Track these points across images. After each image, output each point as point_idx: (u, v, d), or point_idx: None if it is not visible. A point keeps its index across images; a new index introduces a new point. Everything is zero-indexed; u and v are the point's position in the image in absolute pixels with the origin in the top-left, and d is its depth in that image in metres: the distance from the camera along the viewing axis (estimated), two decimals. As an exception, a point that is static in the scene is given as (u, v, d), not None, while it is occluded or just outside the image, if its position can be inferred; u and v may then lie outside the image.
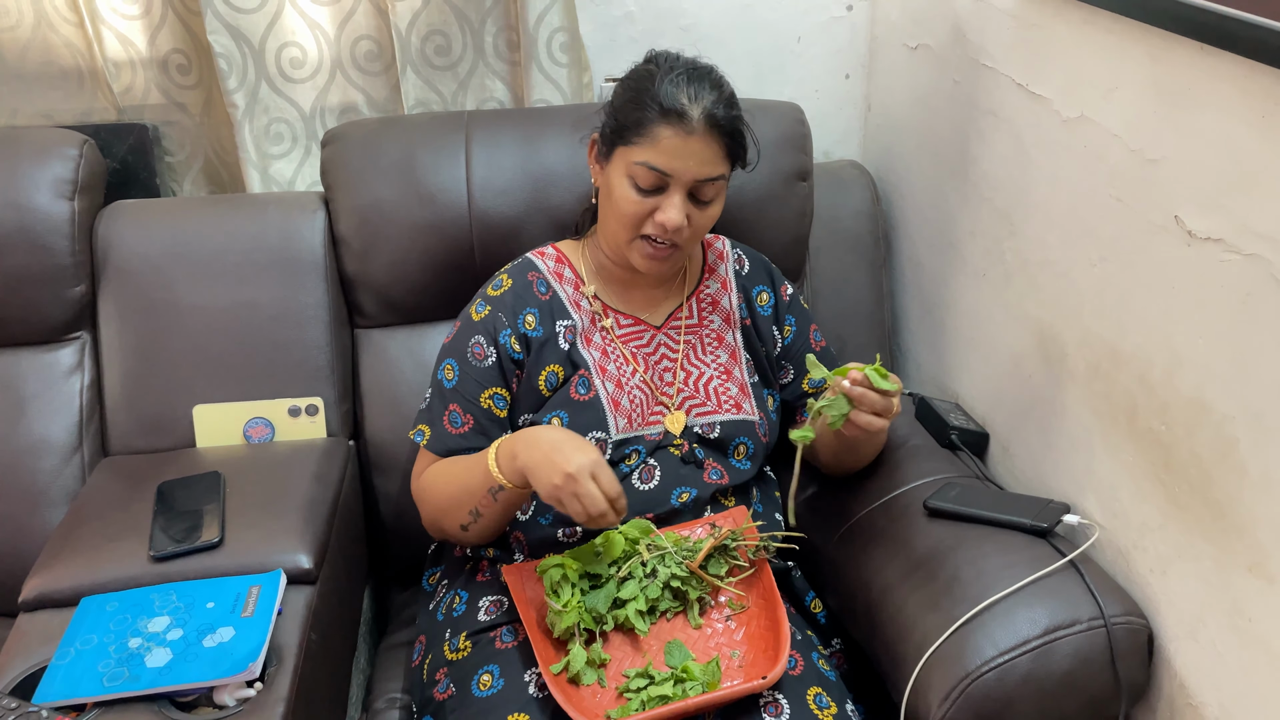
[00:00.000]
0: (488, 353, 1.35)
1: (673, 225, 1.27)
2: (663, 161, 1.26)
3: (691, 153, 1.25)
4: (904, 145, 1.82)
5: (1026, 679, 1.16)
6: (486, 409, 1.35)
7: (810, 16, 1.87)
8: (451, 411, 1.35)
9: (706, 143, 1.26)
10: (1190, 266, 1.12)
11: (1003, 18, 1.45)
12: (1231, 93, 1.04)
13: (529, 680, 1.22)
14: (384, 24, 1.75)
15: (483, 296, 1.40)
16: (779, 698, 1.19)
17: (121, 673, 1.14)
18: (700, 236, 1.35)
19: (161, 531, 1.32)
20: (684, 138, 1.25)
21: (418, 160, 1.59)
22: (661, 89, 1.26)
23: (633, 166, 1.27)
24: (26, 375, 1.53)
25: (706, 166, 1.27)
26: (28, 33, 1.70)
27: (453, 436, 1.35)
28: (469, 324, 1.38)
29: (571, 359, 1.37)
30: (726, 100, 1.29)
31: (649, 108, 1.26)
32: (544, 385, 1.36)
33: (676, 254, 1.33)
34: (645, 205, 1.28)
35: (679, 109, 1.25)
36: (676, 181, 1.27)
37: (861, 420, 1.24)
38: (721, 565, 1.31)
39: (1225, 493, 1.10)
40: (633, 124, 1.28)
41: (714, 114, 1.26)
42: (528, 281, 1.40)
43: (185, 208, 1.65)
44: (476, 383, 1.35)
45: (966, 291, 1.63)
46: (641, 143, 1.27)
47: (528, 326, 1.36)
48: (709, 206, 1.31)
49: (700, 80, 1.28)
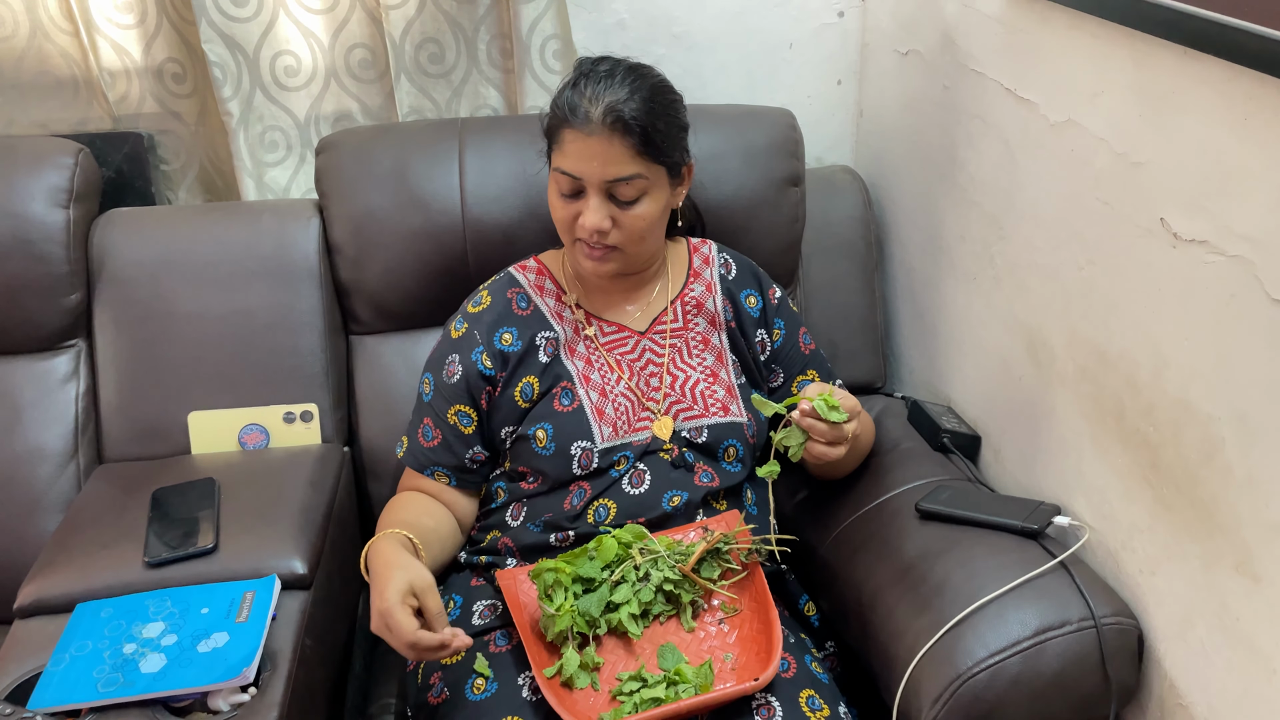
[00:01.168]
0: (457, 370, 1.38)
1: (590, 226, 1.29)
2: (570, 165, 1.29)
3: (595, 154, 1.27)
4: (895, 150, 1.83)
5: (1017, 680, 1.17)
6: (453, 425, 1.39)
7: (802, 23, 1.88)
8: (424, 426, 1.40)
9: (609, 142, 1.26)
10: (1176, 268, 1.13)
11: (990, 23, 1.47)
12: (1213, 96, 1.05)
13: (523, 684, 1.22)
14: (378, 32, 1.76)
15: (463, 313, 1.43)
16: (771, 700, 1.19)
17: (116, 678, 1.14)
18: (640, 238, 1.34)
19: (156, 538, 1.32)
20: (584, 139, 1.27)
21: (412, 168, 1.60)
22: (563, 94, 1.30)
23: (554, 173, 1.32)
24: (22, 383, 1.54)
25: (612, 167, 1.27)
26: (23, 42, 1.71)
27: (425, 450, 1.40)
28: (447, 341, 1.42)
29: (553, 371, 1.38)
30: (643, 96, 1.28)
31: (557, 115, 1.30)
32: (520, 397, 1.37)
33: (617, 255, 1.34)
34: (570, 210, 1.31)
35: (577, 111, 1.27)
36: (588, 184, 1.29)
37: (815, 450, 1.27)
38: (714, 569, 1.31)
39: (1211, 493, 1.11)
40: (550, 131, 1.33)
41: (617, 113, 1.25)
42: (507, 299, 1.42)
43: (180, 216, 1.66)
44: (444, 399, 1.39)
45: (957, 295, 1.64)
46: (556, 150, 1.31)
47: (504, 343, 1.38)
48: (633, 206, 1.31)
49: (608, 80, 1.28)
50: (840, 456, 1.28)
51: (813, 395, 1.25)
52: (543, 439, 1.35)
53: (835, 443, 1.27)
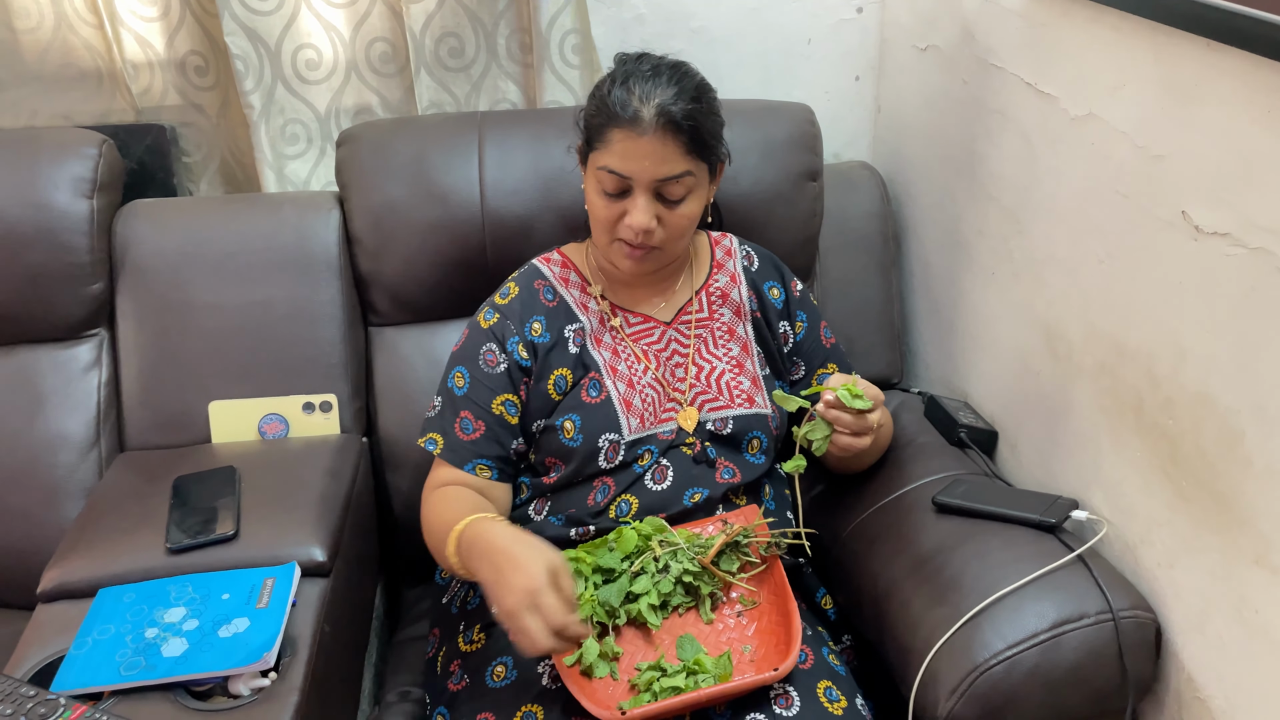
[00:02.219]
0: (499, 359, 1.36)
1: (639, 227, 1.28)
2: (620, 165, 1.27)
3: (646, 153, 1.25)
4: (913, 146, 1.83)
5: (1034, 672, 1.17)
6: (499, 415, 1.36)
7: (820, 19, 1.88)
8: (463, 419, 1.36)
9: (661, 142, 1.25)
10: (1196, 261, 1.13)
11: (1011, 18, 1.47)
12: (1237, 88, 1.05)
13: (542, 671, 1.23)
14: (398, 26, 1.77)
15: (490, 305, 1.41)
16: (790, 690, 1.20)
17: (138, 662, 1.15)
18: (681, 236, 1.33)
19: (177, 525, 1.34)
20: (636, 139, 1.25)
21: (431, 160, 1.61)
22: (612, 94, 1.27)
23: (598, 172, 1.29)
24: (45, 371, 1.55)
25: (664, 166, 1.26)
26: (48, 34, 1.72)
27: (466, 444, 1.35)
28: (478, 331, 1.39)
29: (582, 361, 1.38)
30: (689, 95, 1.27)
31: (603, 114, 1.28)
32: (553, 389, 1.37)
33: (656, 254, 1.34)
34: (615, 209, 1.30)
35: (628, 112, 1.25)
36: (637, 184, 1.27)
37: (841, 442, 1.27)
38: (733, 561, 1.31)
39: (1231, 486, 1.11)
40: (595, 130, 1.30)
41: (668, 112, 1.25)
42: (534, 289, 1.41)
43: (202, 207, 1.68)
44: (489, 389, 1.36)
45: (975, 290, 1.64)
46: (601, 148, 1.29)
47: (534, 334, 1.38)
48: (680, 205, 1.30)
49: (654, 79, 1.27)
50: (865, 447, 1.28)
51: (836, 385, 1.25)
52: (570, 430, 1.35)
53: (861, 433, 1.26)
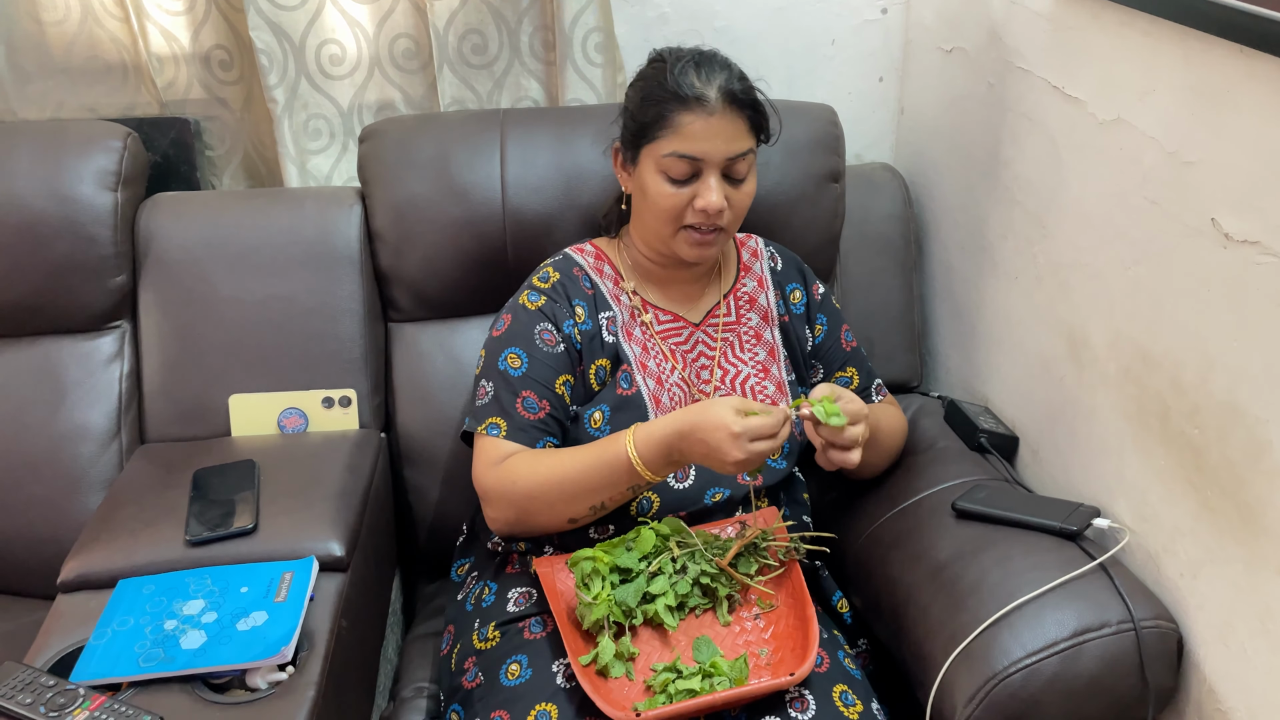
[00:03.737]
0: (558, 339, 1.35)
1: (714, 208, 1.28)
2: (691, 147, 1.27)
3: (717, 132, 1.27)
4: (936, 148, 1.82)
5: (1053, 681, 1.16)
6: (560, 395, 1.34)
7: (844, 19, 1.88)
8: (525, 398, 1.32)
9: (729, 119, 1.28)
10: (1225, 269, 1.12)
11: (1038, 20, 1.45)
12: (1269, 94, 1.03)
13: (557, 670, 1.22)
14: (422, 23, 1.77)
15: (531, 287, 1.39)
16: (806, 694, 1.19)
17: (157, 653, 1.16)
18: (741, 216, 1.35)
19: (197, 517, 1.34)
20: (706, 119, 1.27)
21: (453, 157, 1.61)
22: (673, 79, 1.28)
23: (663, 160, 1.29)
24: (68, 363, 1.56)
25: (734, 143, 1.29)
26: (74, 27, 1.73)
27: (532, 423, 1.32)
28: (527, 313, 1.36)
29: (616, 352, 1.38)
30: (739, 76, 1.31)
31: (666, 101, 1.28)
32: (594, 379, 1.36)
33: (721, 237, 1.34)
34: (683, 196, 1.30)
35: (696, 93, 1.27)
36: (709, 164, 1.28)
37: (832, 458, 1.24)
38: (751, 564, 1.31)
39: (1257, 496, 1.10)
40: (653, 120, 1.29)
41: (731, 90, 1.28)
42: (573, 276, 1.40)
43: (224, 201, 1.68)
44: (551, 369, 1.34)
45: (997, 294, 1.63)
46: (666, 134, 1.28)
47: (579, 319, 1.37)
48: (744, 184, 1.32)
49: (709, 62, 1.30)
50: (853, 463, 1.24)
51: (815, 399, 1.22)
52: (598, 420, 1.34)
53: (846, 447, 1.23)
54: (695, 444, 1.19)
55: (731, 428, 1.16)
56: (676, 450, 1.21)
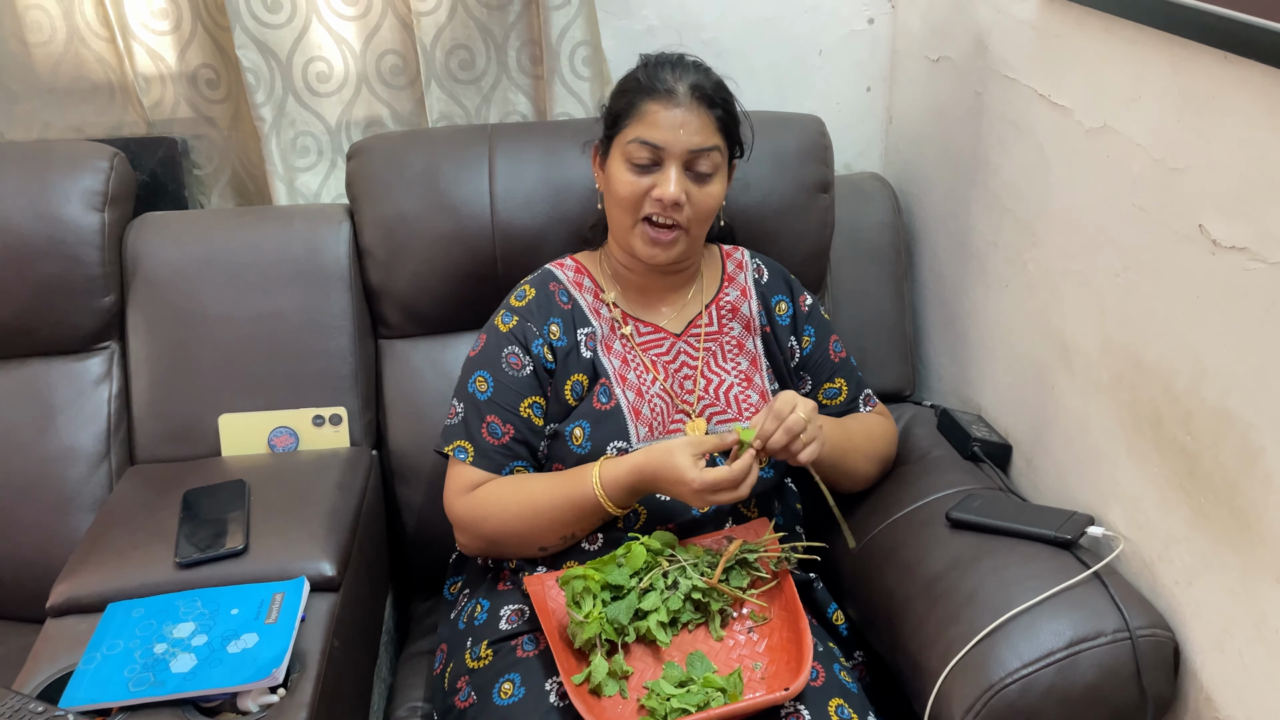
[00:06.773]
0: (524, 362, 1.37)
1: (669, 198, 1.30)
2: (653, 135, 1.30)
3: (680, 123, 1.30)
4: (925, 157, 1.82)
5: (1050, 691, 1.15)
6: (526, 418, 1.36)
7: (831, 30, 1.88)
8: (490, 423, 1.35)
9: (696, 114, 1.31)
10: (1214, 275, 1.12)
11: (1024, 29, 1.46)
12: (1255, 100, 1.03)
13: (550, 689, 1.22)
14: (409, 39, 1.77)
15: (507, 308, 1.41)
16: (801, 709, 1.18)
17: (147, 678, 1.15)
18: (706, 219, 1.36)
19: (187, 539, 1.33)
20: (670, 109, 1.30)
21: (441, 173, 1.61)
22: (645, 74, 1.34)
23: (627, 147, 1.32)
24: (56, 384, 1.56)
25: (697, 136, 1.31)
26: (60, 48, 1.73)
27: (494, 449, 1.35)
28: (498, 335, 1.39)
29: (594, 367, 1.38)
30: (715, 82, 1.35)
31: (636, 92, 1.33)
32: (570, 395, 1.36)
33: (680, 237, 1.34)
34: (642, 184, 1.32)
35: (666, 86, 1.31)
36: (670, 154, 1.31)
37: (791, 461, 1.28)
38: (743, 577, 1.30)
39: (1251, 502, 1.09)
40: (623, 109, 1.34)
41: (700, 86, 1.32)
42: (550, 292, 1.41)
43: (213, 220, 1.68)
44: (515, 392, 1.36)
45: (988, 302, 1.62)
46: (632, 122, 1.32)
47: (553, 336, 1.37)
48: (707, 183, 1.33)
49: (684, 63, 1.35)
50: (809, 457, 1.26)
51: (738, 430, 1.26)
52: (579, 437, 1.34)
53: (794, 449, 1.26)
54: (659, 488, 1.25)
55: (691, 484, 1.20)
56: (640, 490, 1.27)
